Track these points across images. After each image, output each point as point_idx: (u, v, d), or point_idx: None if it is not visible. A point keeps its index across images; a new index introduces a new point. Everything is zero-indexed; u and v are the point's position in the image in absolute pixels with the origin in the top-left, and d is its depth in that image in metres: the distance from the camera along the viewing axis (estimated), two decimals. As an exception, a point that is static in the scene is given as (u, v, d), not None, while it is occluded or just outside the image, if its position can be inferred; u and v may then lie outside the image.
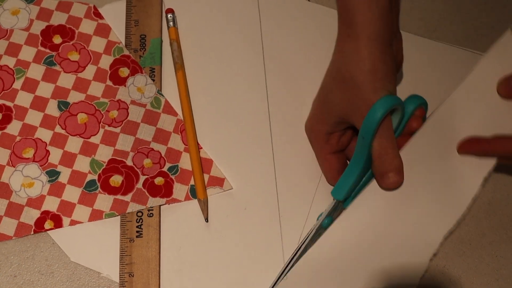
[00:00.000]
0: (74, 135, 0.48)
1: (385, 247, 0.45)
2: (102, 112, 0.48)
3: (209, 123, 0.50)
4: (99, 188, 0.46)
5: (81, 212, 0.46)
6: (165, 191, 0.47)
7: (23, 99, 0.48)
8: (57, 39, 0.50)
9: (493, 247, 0.48)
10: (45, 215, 0.46)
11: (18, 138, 0.47)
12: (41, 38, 0.50)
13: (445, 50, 0.54)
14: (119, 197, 0.46)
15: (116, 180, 0.47)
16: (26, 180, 0.46)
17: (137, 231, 0.46)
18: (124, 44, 0.50)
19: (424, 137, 0.47)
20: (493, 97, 0.47)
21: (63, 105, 0.48)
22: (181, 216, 0.47)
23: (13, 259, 0.45)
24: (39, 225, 0.45)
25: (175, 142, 0.48)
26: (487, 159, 0.45)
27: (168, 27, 0.51)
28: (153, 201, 0.46)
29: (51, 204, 0.46)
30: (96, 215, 0.46)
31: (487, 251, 0.48)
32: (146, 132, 0.48)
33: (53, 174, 0.47)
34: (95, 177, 0.47)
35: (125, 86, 0.49)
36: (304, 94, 0.51)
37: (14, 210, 0.46)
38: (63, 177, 0.47)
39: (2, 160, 0.47)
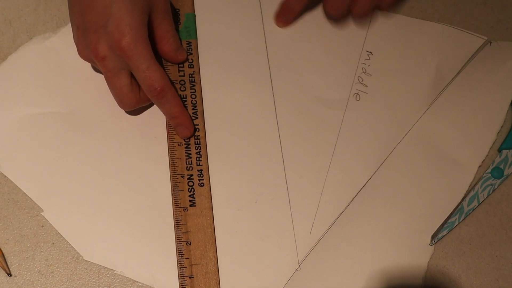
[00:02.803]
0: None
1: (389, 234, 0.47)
2: None
3: (214, 118, 0.50)
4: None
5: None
6: None
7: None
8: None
9: (493, 247, 0.48)
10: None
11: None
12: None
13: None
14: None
15: None
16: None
17: (190, 200, 0.46)
18: None
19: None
20: (470, 103, 0.51)
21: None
22: None
23: (13, 259, 0.46)
24: None
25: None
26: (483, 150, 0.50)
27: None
28: None
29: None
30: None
31: (487, 251, 0.48)
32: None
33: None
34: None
35: None
36: (310, 85, 0.51)
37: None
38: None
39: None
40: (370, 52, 0.53)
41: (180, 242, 0.45)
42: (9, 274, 0.45)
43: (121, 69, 0.45)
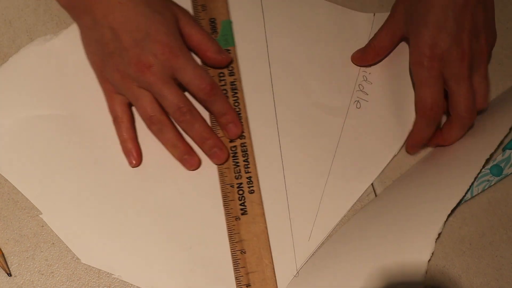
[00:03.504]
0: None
1: (388, 236, 0.47)
2: None
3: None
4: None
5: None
6: None
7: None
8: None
9: (493, 247, 0.48)
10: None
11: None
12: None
13: None
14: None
15: None
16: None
17: (241, 209, 0.46)
18: None
19: None
20: None
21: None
22: None
23: (13, 259, 0.46)
24: None
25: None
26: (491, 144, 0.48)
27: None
28: None
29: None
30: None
31: (487, 251, 0.48)
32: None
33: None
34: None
35: None
36: (311, 91, 0.51)
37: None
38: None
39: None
40: None
41: (235, 252, 0.45)
42: (9, 274, 0.45)
43: (169, 76, 0.45)
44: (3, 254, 0.45)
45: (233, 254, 0.45)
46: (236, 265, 0.45)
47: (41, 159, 0.48)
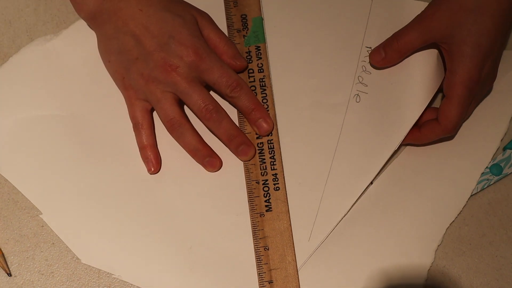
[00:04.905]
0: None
1: (388, 243, 0.47)
2: None
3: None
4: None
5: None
6: None
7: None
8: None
9: (493, 247, 0.48)
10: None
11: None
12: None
13: None
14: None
15: None
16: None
17: (266, 206, 0.46)
18: (226, 25, 0.51)
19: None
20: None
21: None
22: None
23: (13, 259, 0.46)
24: None
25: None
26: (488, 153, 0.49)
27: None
28: None
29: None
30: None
31: (487, 251, 0.48)
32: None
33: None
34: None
35: None
36: (309, 88, 0.51)
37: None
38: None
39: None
40: (370, 48, 0.51)
41: (258, 248, 0.46)
42: (9, 274, 0.45)
43: (195, 77, 0.45)
44: (3, 254, 0.45)
45: (257, 251, 0.45)
46: (259, 261, 0.45)
47: (41, 159, 0.48)
